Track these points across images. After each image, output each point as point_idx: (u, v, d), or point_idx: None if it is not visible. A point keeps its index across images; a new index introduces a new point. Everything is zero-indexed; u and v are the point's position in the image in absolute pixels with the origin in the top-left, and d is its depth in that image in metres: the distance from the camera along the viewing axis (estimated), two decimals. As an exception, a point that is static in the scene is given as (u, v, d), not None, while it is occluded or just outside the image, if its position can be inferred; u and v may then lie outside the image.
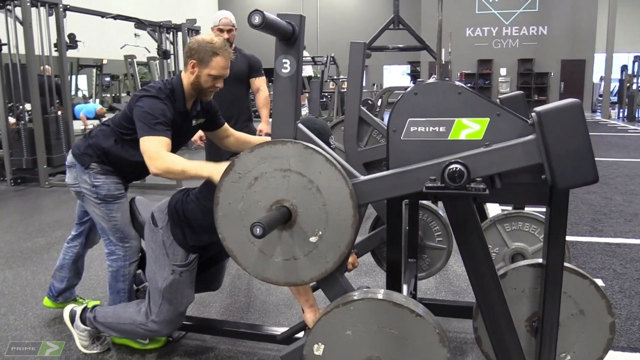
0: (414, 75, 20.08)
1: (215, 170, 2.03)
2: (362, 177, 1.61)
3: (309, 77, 12.83)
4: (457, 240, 1.55)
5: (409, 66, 20.93)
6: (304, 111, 11.99)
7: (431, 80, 1.70)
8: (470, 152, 1.51)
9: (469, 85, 18.07)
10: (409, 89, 1.64)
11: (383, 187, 1.60)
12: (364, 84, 2.86)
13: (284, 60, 1.62)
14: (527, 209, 2.57)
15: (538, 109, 1.46)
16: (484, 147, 1.51)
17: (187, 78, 2.34)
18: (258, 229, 1.41)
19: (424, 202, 2.78)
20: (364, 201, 1.62)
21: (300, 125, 1.69)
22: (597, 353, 1.78)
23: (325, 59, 11.49)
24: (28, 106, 6.92)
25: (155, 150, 2.13)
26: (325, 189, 1.57)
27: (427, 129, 1.60)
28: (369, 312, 1.57)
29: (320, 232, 1.59)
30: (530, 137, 1.48)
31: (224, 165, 2.23)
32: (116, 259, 2.54)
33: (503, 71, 18.27)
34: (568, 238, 4.09)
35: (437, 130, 1.59)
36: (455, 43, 15.86)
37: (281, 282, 1.68)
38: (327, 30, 22.96)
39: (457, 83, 1.63)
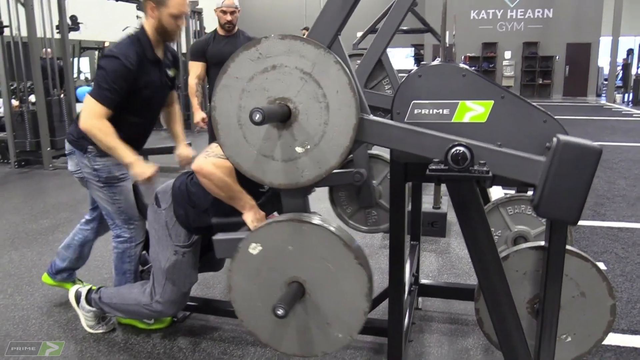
0: (418, 59, 19.93)
1: (137, 165, 2.30)
2: (372, 117, 1.60)
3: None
4: (460, 223, 1.56)
5: (412, 49, 20.76)
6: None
7: (435, 62, 1.69)
8: (479, 144, 1.50)
9: (473, 68, 17.90)
10: (413, 71, 1.63)
11: (387, 135, 1.59)
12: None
13: None
14: (530, 192, 2.57)
15: (562, 137, 1.44)
16: (495, 146, 1.51)
17: (149, 25, 2.39)
18: (257, 115, 1.38)
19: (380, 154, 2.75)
20: (364, 139, 1.60)
21: (340, 40, 1.63)
22: (598, 335, 1.80)
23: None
24: (32, 97, 6.91)
25: (94, 112, 2.29)
26: (334, 109, 1.54)
27: (431, 112, 1.59)
28: (318, 239, 1.60)
29: (308, 146, 1.57)
30: (541, 158, 1.47)
31: (148, 166, 2.37)
32: (122, 241, 2.56)
33: (507, 54, 18.12)
34: (570, 221, 4.03)
35: (441, 112, 1.59)
36: (459, 26, 15.70)
37: (246, 170, 1.64)
38: (330, 12, 22.79)
39: (462, 65, 1.62)
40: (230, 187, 1.91)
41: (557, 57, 17.71)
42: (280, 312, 1.52)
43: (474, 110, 1.57)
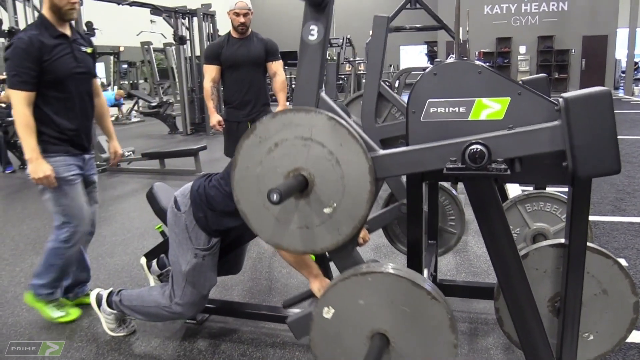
0: (432, 56, 19.83)
1: (33, 163, 2.47)
2: (382, 151, 1.60)
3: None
4: (478, 221, 1.54)
5: (425, 46, 20.66)
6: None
7: (449, 60, 1.68)
8: (492, 134, 1.49)
9: (487, 64, 17.75)
10: (428, 70, 1.62)
11: (402, 162, 1.58)
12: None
13: (311, 27, 1.59)
14: (549, 189, 2.54)
15: (566, 94, 1.43)
16: (507, 130, 1.49)
17: (45, 7, 2.55)
18: (275, 196, 1.41)
19: (444, 184, 2.77)
20: (382, 175, 1.60)
21: (324, 95, 1.67)
22: (621, 333, 1.77)
23: (341, 41, 11.40)
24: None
25: (17, 100, 2.44)
26: (344, 161, 1.56)
27: (447, 110, 1.58)
28: (386, 285, 1.57)
29: (335, 204, 1.58)
30: (556, 122, 1.45)
31: (43, 168, 2.47)
32: (59, 240, 2.62)
33: (522, 49, 17.93)
34: (590, 218, 4.06)
35: (457, 110, 1.58)
36: (473, 21, 15.59)
37: (291, 248, 1.67)
38: (342, 12, 22.71)
39: (477, 62, 1.61)
40: (305, 260, 2.00)
41: (573, 51, 17.48)
42: None
43: (491, 108, 1.56)
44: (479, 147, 1.44)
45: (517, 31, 17.82)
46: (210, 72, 3.88)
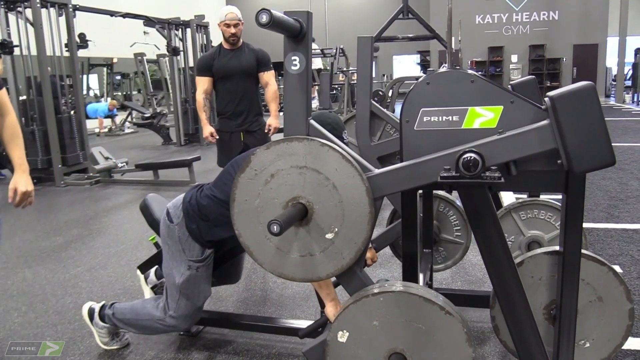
0: (424, 65, 19.94)
1: None
2: (377, 171, 1.61)
3: (319, 70, 12.79)
4: (473, 229, 1.54)
5: (418, 56, 20.78)
6: (314, 104, 11.96)
7: (442, 69, 1.69)
8: (484, 141, 1.49)
9: (480, 73, 17.87)
10: (421, 79, 1.63)
11: (397, 180, 1.59)
12: (373, 75, 2.85)
13: (293, 58, 1.61)
14: (543, 197, 2.55)
15: (551, 93, 1.44)
16: (498, 135, 1.50)
17: None
18: (275, 227, 1.42)
19: (443, 193, 2.76)
20: (379, 194, 1.61)
21: (312, 122, 1.68)
22: (617, 340, 1.77)
23: (335, 50, 11.44)
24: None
25: None
26: (341, 186, 1.57)
27: (440, 119, 1.59)
28: (399, 304, 1.57)
29: (336, 229, 1.60)
30: (544, 122, 1.46)
31: None
32: None
33: (514, 58, 18.07)
34: (584, 225, 4.06)
35: (450, 119, 1.58)
36: (465, 31, 15.70)
37: (297, 278, 1.69)
38: (335, 21, 22.89)
39: (470, 71, 1.62)
40: (327, 284, 1.96)
41: (565, 59, 17.63)
42: None
43: (484, 116, 1.57)
44: (473, 155, 1.44)
45: (508, 40, 17.97)
46: (203, 83, 3.88)
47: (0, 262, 3.89)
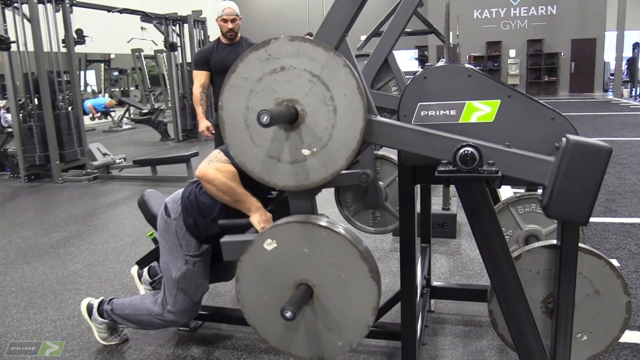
0: (422, 60, 19.92)
1: None
2: (380, 118, 1.58)
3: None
4: (470, 223, 1.55)
5: (416, 51, 20.75)
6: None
7: (440, 63, 1.69)
8: (488, 144, 1.49)
9: (478, 67, 17.86)
10: (418, 73, 1.62)
11: (395, 136, 1.57)
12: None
13: None
14: (541, 191, 2.55)
15: (571, 137, 1.43)
16: (504, 146, 1.49)
17: None
18: (265, 117, 1.37)
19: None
20: (372, 140, 1.59)
21: (347, 41, 1.62)
22: (614, 333, 1.77)
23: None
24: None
25: None
26: (341, 112, 1.52)
27: (437, 113, 1.59)
28: (336, 247, 1.59)
29: (315, 149, 1.56)
30: (550, 158, 1.46)
31: None
32: None
33: (512, 53, 18.06)
34: (582, 219, 3.97)
35: (447, 113, 1.58)
36: (463, 26, 15.67)
37: (250, 170, 1.64)
38: (333, 17, 22.86)
39: (467, 65, 1.61)
40: (235, 190, 1.92)
41: (563, 54, 17.63)
42: (288, 314, 1.51)
43: (481, 110, 1.56)
44: (470, 149, 1.44)
45: (506, 35, 17.95)
46: (200, 77, 3.88)
47: (-2, 259, 3.90)
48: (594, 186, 1.41)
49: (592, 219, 4.15)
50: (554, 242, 1.74)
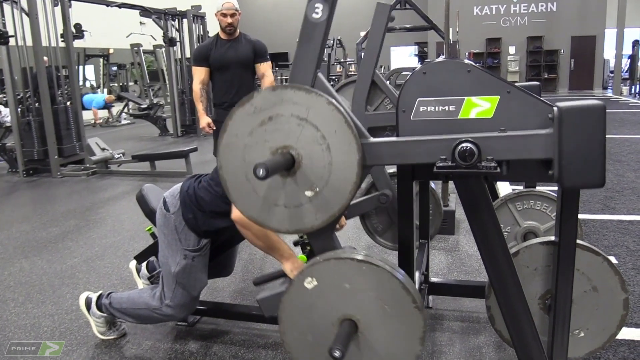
0: (422, 56, 19.90)
1: None
2: (373, 139, 1.58)
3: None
4: (469, 219, 1.55)
5: (416, 47, 20.72)
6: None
7: (439, 59, 1.68)
8: (484, 135, 1.49)
9: (478, 64, 17.85)
10: (417, 69, 1.62)
11: (392, 152, 1.57)
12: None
13: (316, 5, 1.56)
14: (539, 187, 2.55)
15: (561, 104, 1.43)
16: (499, 132, 1.49)
17: None
18: (261, 171, 1.37)
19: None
20: (371, 163, 1.59)
21: (320, 76, 1.64)
22: (611, 329, 1.78)
23: (332, 42, 11.41)
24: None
25: None
26: (335, 149, 1.53)
27: (436, 109, 1.58)
28: (378, 280, 1.56)
29: (317, 189, 1.56)
30: (548, 130, 1.46)
31: None
32: None
33: (512, 49, 18.06)
34: (580, 216, 4.06)
35: (446, 109, 1.57)
36: (463, 22, 15.64)
37: (262, 222, 1.65)
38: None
39: (466, 61, 1.61)
40: (270, 237, 1.97)
41: (562, 51, 17.62)
42: (337, 354, 1.46)
43: (480, 106, 1.56)
44: (469, 145, 1.44)
45: (506, 32, 17.94)
46: (199, 74, 3.87)
47: (-4, 253, 3.89)
48: (598, 146, 1.40)
49: (590, 216, 4.16)
50: (552, 238, 1.74)
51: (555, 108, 1.44)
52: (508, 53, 18.07)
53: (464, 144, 1.44)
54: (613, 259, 2.95)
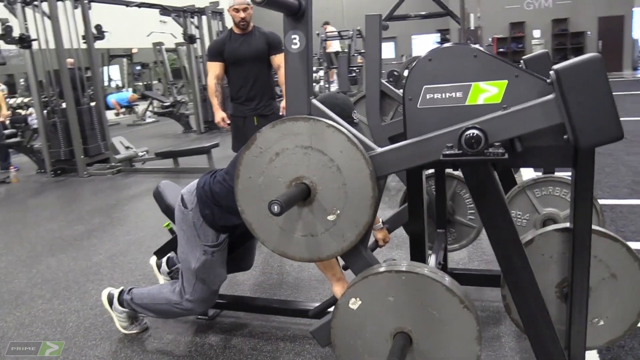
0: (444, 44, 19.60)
1: None
2: (379, 149, 1.59)
3: (336, 52, 12.68)
4: (477, 208, 1.52)
5: (438, 35, 20.43)
6: (334, 87, 11.89)
7: (446, 45, 1.65)
8: (487, 117, 1.46)
9: (501, 49, 17.54)
10: (423, 55, 1.59)
11: (400, 158, 1.57)
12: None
13: (293, 36, 1.59)
14: (558, 173, 2.49)
15: (556, 66, 1.40)
16: (502, 111, 1.46)
17: None
18: (276, 207, 1.41)
19: (459, 174, 2.71)
20: (382, 173, 1.59)
21: (314, 101, 1.67)
22: (632, 317, 1.73)
23: (352, 32, 11.33)
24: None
25: None
26: (345, 168, 1.56)
27: (443, 96, 1.56)
28: (419, 287, 1.54)
29: (338, 211, 1.59)
30: (550, 96, 1.42)
31: None
32: None
33: (537, 33, 17.63)
34: (607, 201, 3.95)
35: (454, 96, 1.55)
36: (485, 7, 15.36)
37: (299, 257, 1.68)
38: (352, 3, 22.60)
39: (473, 46, 1.58)
40: (330, 264, 1.99)
41: (589, 33, 17.12)
42: None
43: (488, 92, 1.53)
44: (475, 131, 1.41)
45: (530, 15, 17.52)
46: (214, 69, 3.89)
47: (25, 252, 4.00)
48: (605, 96, 1.36)
49: (617, 202, 4.05)
50: (568, 225, 1.70)
51: (551, 72, 1.41)
52: (532, 37, 17.65)
53: (470, 131, 1.42)
54: (638, 245, 2.87)
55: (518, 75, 1.50)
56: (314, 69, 14.97)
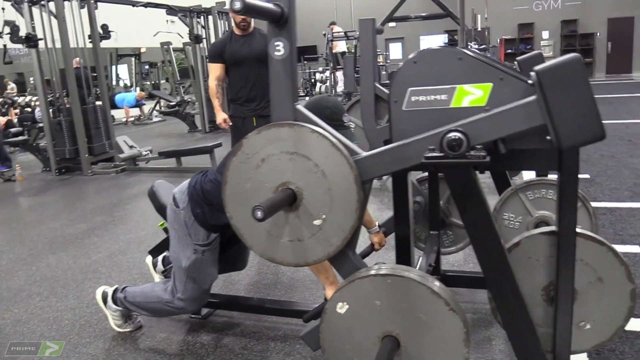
0: (452, 45, 19.54)
1: None
2: (364, 154, 1.59)
3: (342, 53, 12.68)
4: (459, 211, 1.52)
5: (446, 35, 20.36)
6: (340, 87, 11.89)
7: (433, 47, 1.65)
8: (469, 119, 1.46)
9: (509, 51, 17.45)
10: (408, 58, 1.60)
11: (384, 162, 1.57)
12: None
13: (276, 43, 1.60)
14: (551, 176, 2.48)
15: (537, 67, 1.39)
16: (484, 113, 1.46)
17: None
18: (259, 213, 1.42)
19: None
20: (367, 177, 1.60)
21: (299, 107, 1.67)
22: (619, 321, 1.72)
23: (358, 33, 11.35)
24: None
25: None
26: (330, 173, 1.57)
27: (428, 98, 1.56)
28: (405, 290, 1.54)
29: (324, 216, 1.60)
30: (531, 98, 1.42)
31: None
32: None
33: (545, 34, 17.55)
34: (608, 204, 3.91)
35: (438, 98, 1.55)
36: (493, 8, 15.29)
37: (286, 262, 1.69)
38: (360, 4, 22.60)
39: (457, 48, 1.58)
40: (324, 268, 2.02)
41: (598, 34, 17.01)
42: None
43: (473, 94, 1.53)
44: (456, 134, 1.41)
45: (539, 16, 17.44)
46: (215, 70, 3.91)
47: (27, 249, 4.04)
48: (586, 97, 1.36)
49: (617, 204, 4.02)
50: (554, 228, 1.69)
51: (532, 73, 1.41)
52: (541, 38, 17.56)
53: (452, 134, 1.42)
54: (638, 249, 2.85)
55: (503, 78, 1.50)
56: (320, 69, 15.00)
